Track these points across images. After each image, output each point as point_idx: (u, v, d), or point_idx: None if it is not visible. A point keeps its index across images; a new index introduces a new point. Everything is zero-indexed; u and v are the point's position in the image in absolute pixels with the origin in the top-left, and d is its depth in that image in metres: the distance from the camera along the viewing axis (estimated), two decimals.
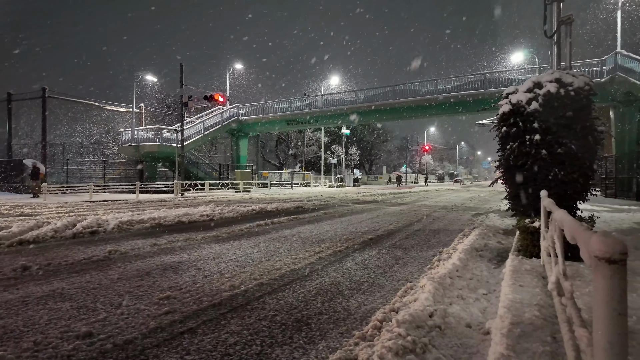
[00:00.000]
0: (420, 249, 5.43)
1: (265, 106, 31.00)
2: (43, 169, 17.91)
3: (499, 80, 21.95)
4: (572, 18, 6.09)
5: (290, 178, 36.32)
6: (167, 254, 4.82)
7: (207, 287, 3.42)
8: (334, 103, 28.37)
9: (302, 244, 5.67)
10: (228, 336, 2.40)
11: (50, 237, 5.79)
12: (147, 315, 2.71)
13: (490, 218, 9.15)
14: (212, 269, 4.07)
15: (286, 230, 7.01)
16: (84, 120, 27.23)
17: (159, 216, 7.95)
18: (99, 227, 6.62)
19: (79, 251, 4.94)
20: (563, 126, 4.47)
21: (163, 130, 24.64)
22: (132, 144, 24.22)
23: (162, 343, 2.29)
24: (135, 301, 3.02)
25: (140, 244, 5.41)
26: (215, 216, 8.91)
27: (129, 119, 27.61)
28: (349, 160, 48.71)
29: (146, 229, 6.97)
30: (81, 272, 3.92)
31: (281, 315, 2.77)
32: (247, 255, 4.84)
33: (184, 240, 5.80)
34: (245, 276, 3.80)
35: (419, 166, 71.33)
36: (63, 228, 6.25)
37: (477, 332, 2.40)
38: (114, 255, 4.69)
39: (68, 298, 3.08)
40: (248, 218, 8.96)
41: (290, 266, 4.23)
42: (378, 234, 6.70)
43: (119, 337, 2.35)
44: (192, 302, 3.00)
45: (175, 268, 4.11)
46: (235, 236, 6.34)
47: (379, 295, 3.28)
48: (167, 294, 3.14)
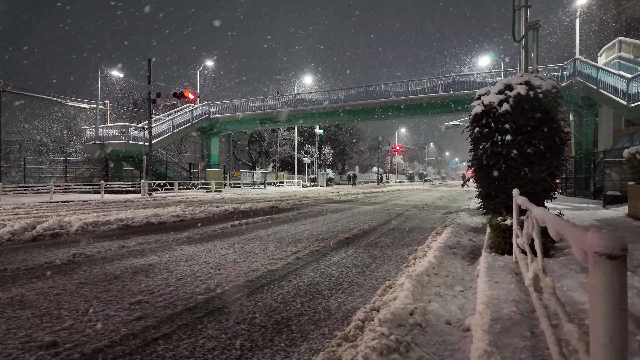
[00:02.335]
0: (395, 247, 5.49)
1: (238, 105, 30.49)
2: None
3: (467, 83, 22.65)
4: (539, 24, 6.36)
5: (263, 178, 35.91)
6: (136, 257, 4.61)
7: (181, 290, 3.29)
8: (307, 103, 28.32)
9: (278, 244, 5.59)
10: (205, 341, 2.30)
11: (7, 240, 5.41)
12: (117, 321, 2.56)
13: (461, 216, 9.40)
14: (185, 272, 3.93)
15: (261, 231, 6.90)
16: (43, 116, 25.69)
17: (126, 217, 7.61)
18: (61, 229, 6.26)
19: (40, 255, 4.63)
20: (532, 127, 4.63)
21: (130, 128, 23.69)
22: (96, 142, 23.12)
23: (134, 351, 2.16)
24: (104, 307, 2.85)
25: (107, 246, 5.15)
26: (186, 217, 8.65)
27: (93, 117, 26.34)
28: (322, 160, 48.83)
29: (113, 231, 6.66)
30: (42, 277, 3.67)
31: (260, 317, 2.70)
32: (221, 256, 4.71)
33: (154, 242, 5.57)
34: (221, 278, 3.68)
35: (390, 166, 72.53)
36: (21, 230, 5.86)
37: (457, 329, 2.42)
38: (78, 258, 4.43)
39: (28, 305, 2.87)
40: (221, 218, 8.76)
41: (267, 267, 4.15)
42: (354, 233, 6.71)
43: (87, 345, 2.20)
44: (165, 307, 2.86)
45: (146, 271, 3.93)
46: (208, 237, 6.16)
47: (359, 294, 3.27)
48: (139, 298, 2.99)
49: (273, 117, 29.49)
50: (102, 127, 23.93)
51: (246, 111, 30.03)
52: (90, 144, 23.55)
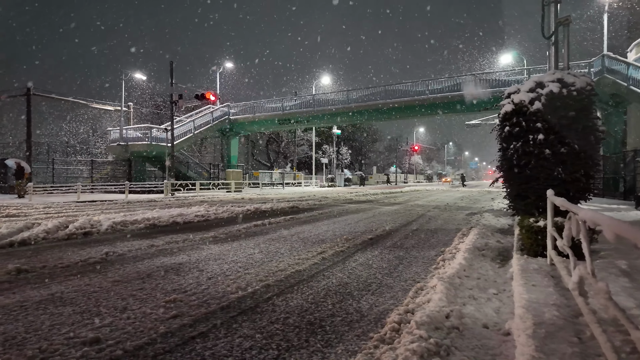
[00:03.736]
0: (421, 248, 5.42)
1: (257, 105, 30.79)
2: (28, 168, 17.44)
3: (489, 82, 22.20)
4: (570, 19, 6.16)
5: (281, 178, 36.14)
6: (166, 256, 4.70)
7: (213, 289, 3.33)
8: (325, 103, 28.33)
9: (302, 244, 5.60)
10: (242, 340, 2.32)
11: (42, 239, 5.61)
12: (154, 319, 2.61)
13: (485, 217, 9.22)
14: (215, 271, 3.98)
15: (284, 231, 6.93)
16: (70, 119, 26.63)
17: (152, 217, 7.78)
18: (92, 228, 6.44)
19: (74, 253, 4.78)
20: (565, 126, 4.50)
21: (152, 129, 24.24)
22: (120, 143, 23.75)
23: (174, 348, 2.20)
24: (140, 304, 2.91)
25: (137, 245, 5.27)
26: (210, 216, 8.77)
27: (117, 118, 27.08)
28: (339, 160, 48.77)
29: (141, 230, 6.82)
30: (79, 274, 3.78)
31: (293, 317, 2.71)
32: (248, 256, 4.76)
33: (182, 241, 5.67)
34: (250, 278, 3.71)
35: (408, 166, 71.83)
36: (55, 229, 6.06)
37: (496, 333, 2.37)
38: (111, 256, 4.56)
39: (69, 302, 2.96)
40: (244, 218, 8.85)
41: (295, 267, 4.16)
42: (377, 234, 6.67)
43: (128, 342, 2.25)
44: (199, 305, 2.90)
45: (176, 270, 4.00)
46: (233, 237, 6.23)
47: (389, 296, 3.24)
48: (173, 296, 3.04)
49: (291, 117, 29.65)
50: (126, 128, 24.57)
51: (265, 112, 30.28)
52: (114, 145, 24.21)
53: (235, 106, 31.63)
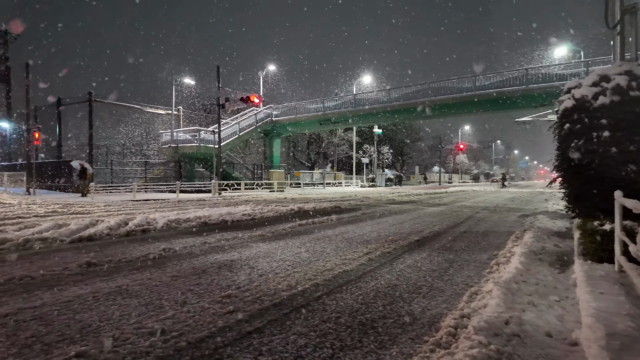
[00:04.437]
0: (471, 251, 5.23)
1: (298, 106, 31.21)
2: (90, 169, 18.86)
3: (543, 76, 20.93)
4: (638, 7, 5.66)
5: (321, 178, 36.34)
6: (218, 252, 4.90)
7: (264, 286, 3.43)
8: (366, 102, 28.13)
9: (347, 244, 5.61)
10: (296, 337, 2.37)
11: (106, 235, 6.05)
12: (212, 313, 2.74)
13: (540, 220, 8.71)
14: (265, 268, 4.09)
15: (328, 230, 6.98)
16: (126, 122, 28.53)
17: (203, 215, 8.14)
18: (149, 225, 6.86)
19: (135, 249, 5.12)
20: (634, 122, 4.15)
21: (201, 131, 25.35)
22: (171, 145, 25.07)
23: (232, 342, 2.29)
24: (198, 299, 3.06)
25: (191, 242, 5.55)
26: (256, 215, 9.02)
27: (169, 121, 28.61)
28: (380, 160, 48.17)
29: (193, 228, 7.15)
30: (141, 269, 4.05)
31: (344, 317, 2.72)
32: (295, 254, 4.84)
33: (232, 239, 5.89)
34: (299, 276, 3.78)
35: (452, 166, 69.45)
36: (116, 226, 6.52)
37: (561, 343, 2.24)
38: (168, 253, 4.82)
39: (134, 295, 3.17)
40: (288, 218, 9.01)
41: (342, 267, 4.18)
42: (423, 235, 6.52)
43: (190, 335, 2.37)
44: (253, 301, 3.00)
45: (229, 266, 4.16)
46: (280, 235, 6.37)
47: (441, 299, 3.16)
48: (228, 292, 3.17)
49: (332, 117, 29.74)
50: (176, 131, 25.89)
51: (306, 113, 30.61)
52: (166, 147, 25.60)
53: (278, 108, 32.25)
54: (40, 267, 4.05)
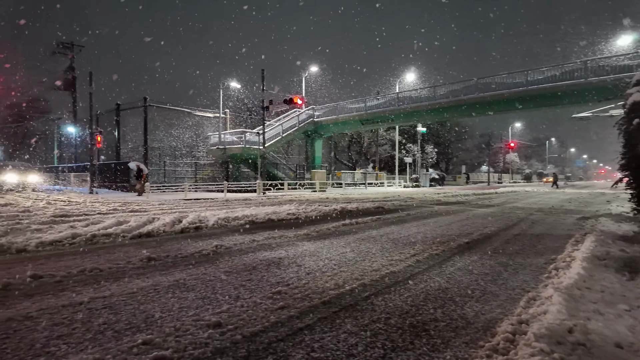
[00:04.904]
0: (526, 255, 4.97)
1: (339, 107, 31.23)
2: (146, 170, 20.10)
3: (605, 68, 19.36)
4: None
5: (363, 178, 36.10)
6: (266, 250, 5.04)
7: (312, 284, 3.48)
8: (409, 100, 27.55)
9: (393, 245, 5.54)
10: (347, 336, 2.39)
11: (162, 232, 6.43)
12: (264, 309, 2.83)
13: (602, 223, 8.07)
14: (311, 267, 4.15)
15: (373, 231, 6.93)
16: (177, 125, 30.12)
17: (250, 214, 8.40)
18: (200, 223, 7.19)
19: (189, 245, 5.39)
20: None
21: (246, 133, 26.17)
22: (219, 146, 26.11)
23: (285, 338, 2.35)
24: (250, 294, 3.17)
25: (240, 240, 5.75)
26: (300, 215, 9.16)
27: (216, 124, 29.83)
28: (424, 160, 46.94)
29: (241, 226, 7.40)
30: (196, 264, 4.26)
31: (394, 318, 2.70)
32: (341, 254, 4.86)
33: (278, 237, 6.03)
34: (346, 275, 3.80)
35: (502, 165, 66.16)
36: (171, 223, 6.90)
37: (634, 355, 2.07)
38: (220, 249, 5.04)
39: (191, 288, 3.35)
40: (332, 217, 9.05)
41: (389, 268, 4.14)
42: (473, 237, 6.28)
43: (245, 328, 2.47)
44: (302, 298, 3.06)
45: (277, 264, 4.27)
46: (324, 235, 6.42)
47: (495, 304, 3.04)
48: (278, 289, 3.26)
49: (373, 117, 29.46)
50: (223, 133, 26.93)
51: (347, 113, 30.55)
52: (214, 148, 26.69)
53: (319, 108, 32.48)
54: (107, 260, 4.40)
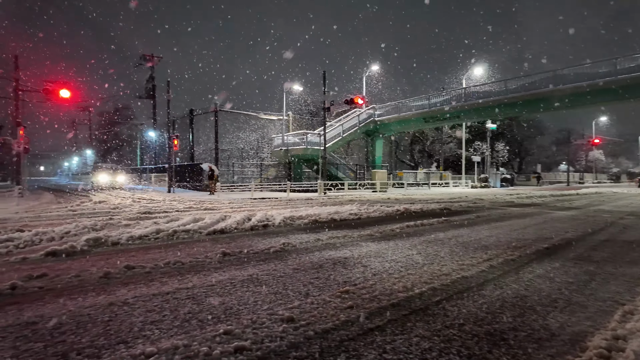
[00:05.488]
0: (618, 263, 4.46)
1: (401, 105, 30.54)
2: (216, 170, 21.43)
3: None
4: None
5: (426, 178, 34.93)
6: (331, 249, 5.12)
7: (379, 285, 3.47)
8: (477, 96, 26.08)
9: (463, 248, 5.30)
10: (419, 340, 2.35)
11: (234, 229, 6.82)
12: (334, 307, 2.88)
13: None
14: (377, 268, 4.13)
15: (440, 233, 6.69)
16: (245, 128, 31.79)
17: (314, 213, 8.57)
18: (268, 221, 7.50)
19: (259, 242, 5.66)
20: None
21: (308, 134, 26.74)
22: (282, 148, 26.99)
23: (356, 337, 2.38)
24: (319, 292, 3.25)
25: (306, 239, 5.90)
26: (362, 215, 9.14)
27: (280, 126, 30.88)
28: (494, 158, 44.09)
29: (306, 225, 7.59)
30: (266, 260, 4.47)
31: (469, 325, 2.60)
32: (407, 256, 4.77)
33: (342, 237, 6.08)
34: (414, 278, 3.72)
35: (585, 163, 59.88)
36: (242, 221, 7.29)
37: None
38: (287, 247, 5.22)
39: (263, 283, 3.52)
40: (395, 218, 8.91)
41: (460, 272, 3.97)
42: (553, 242, 5.79)
43: (317, 325, 2.54)
44: (371, 299, 3.07)
45: (343, 263, 4.32)
46: (388, 236, 6.35)
47: (583, 316, 2.78)
48: (346, 288, 3.30)
49: (438, 114, 28.36)
50: (286, 135, 27.77)
51: (409, 110, 29.76)
52: (277, 149, 27.65)
53: (380, 107, 32.06)
54: (187, 254, 4.78)
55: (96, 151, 54.19)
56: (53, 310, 2.82)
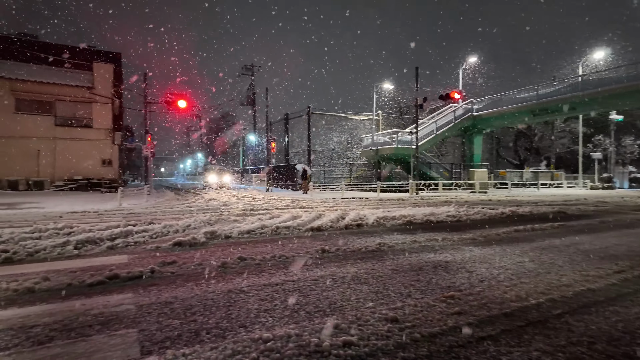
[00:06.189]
0: None
1: (504, 98, 27.99)
2: (309, 171, 22.33)
3: None
4: None
5: (534, 178, 31.51)
6: (430, 252, 4.95)
7: (488, 292, 3.25)
8: (599, 84, 22.60)
9: (585, 257, 4.67)
10: (540, 354, 2.15)
11: (329, 227, 7.03)
12: (439, 311, 2.79)
13: None
14: (484, 274, 3.88)
15: (555, 240, 5.99)
16: (335, 129, 32.46)
17: (408, 214, 8.38)
18: (361, 220, 7.56)
19: (354, 241, 5.74)
20: None
21: (398, 133, 26.21)
22: (371, 147, 26.92)
23: (466, 345, 2.27)
24: (422, 295, 3.18)
25: (401, 240, 5.80)
26: (461, 217, 8.63)
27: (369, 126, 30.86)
28: (620, 155, 37.71)
29: (399, 225, 7.46)
30: (363, 259, 4.52)
31: (601, 344, 2.29)
32: (517, 263, 4.38)
33: (441, 240, 5.83)
34: (528, 288, 3.40)
35: None
36: (336, 220, 7.48)
37: None
38: (383, 247, 5.20)
39: (363, 282, 3.57)
40: (499, 221, 8.22)
41: (584, 284, 3.51)
42: None
43: (423, 328, 2.49)
44: (479, 307, 2.90)
45: (444, 267, 4.15)
46: (493, 240, 5.89)
47: None
48: (451, 293, 3.17)
49: (548, 107, 25.30)
50: (376, 134, 27.63)
51: (513, 104, 27.10)
52: (367, 149, 27.66)
53: (479, 101, 29.83)
54: (290, 249, 5.08)
55: (205, 154, 60.78)
56: (184, 293, 3.26)
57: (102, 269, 4.02)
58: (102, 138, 23.67)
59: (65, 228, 6.01)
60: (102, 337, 2.37)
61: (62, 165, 22.43)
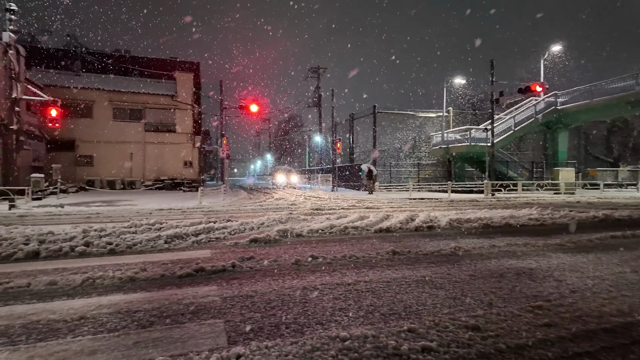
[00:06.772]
0: None
1: (594, 89, 24.98)
2: (375, 171, 22.08)
3: None
4: None
5: (632, 177, 27.73)
6: (511, 258, 4.63)
7: (582, 304, 2.96)
8: None
9: None
10: None
11: (399, 228, 6.90)
12: (526, 322, 2.61)
13: None
14: (576, 284, 3.53)
15: None
16: (401, 128, 31.73)
17: (484, 216, 7.90)
18: (432, 222, 7.30)
19: (426, 243, 5.58)
20: None
21: (471, 130, 24.83)
22: (441, 146, 25.84)
23: (557, 358, 2.10)
24: (504, 303, 3.00)
25: (479, 244, 5.49)
26: (546, 221, 7.93)
27: (439, 123, 29.65)
28: None
29: (475, 229, 7.06)
30: (437, 263, 4.37)
31: None
32: (616, 273, 3.92)
33: (522, 245, 5.42)
34: (632, 302, 3.03)
35: None
36: (405, 221, 7.32)
37: None
38: (458, 251, 4.97)
39: (439, 286, 3.46)
40: (591, 226, 7.41)
41: None
42: None
43: (507, 338, 2.35)
44: (572, 320, 2.65)
45: (528, 275, 3.86)
46: (585, 247, 5.33)
47: None
48: (538, 303, 2.94)
49: None
50: (446, 132, 26.44)
51: (606, 94, 24.06)
52: (436, 148, 26.60)
53: (564, 94, 27.00)
54: (359, 249, 5.09)
55: (273, 155, 63.23)
56: (263, 287, 3.44)
57: (189, 262, 4.40)
58: (184, 141, 25.80)
59: (156, 224, 6.67)
60: (193, 325, 2.61)
61: (150, 167, 24.90)
